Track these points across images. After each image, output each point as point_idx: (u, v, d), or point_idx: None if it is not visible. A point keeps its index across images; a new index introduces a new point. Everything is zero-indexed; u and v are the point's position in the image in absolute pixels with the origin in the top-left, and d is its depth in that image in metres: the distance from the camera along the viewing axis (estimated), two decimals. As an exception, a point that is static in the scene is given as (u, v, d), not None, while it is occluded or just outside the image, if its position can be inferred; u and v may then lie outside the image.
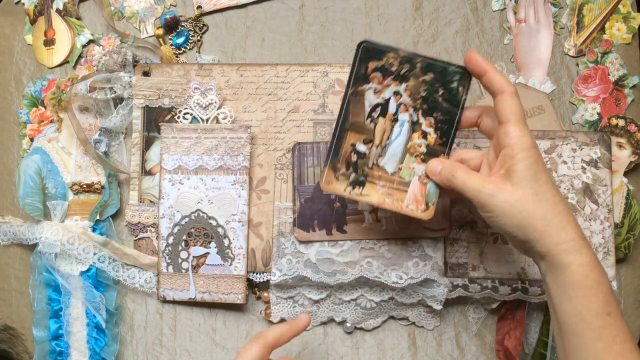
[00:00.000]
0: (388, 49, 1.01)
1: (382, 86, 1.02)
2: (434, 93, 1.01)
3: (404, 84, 1.01)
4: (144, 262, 1.15)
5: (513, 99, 0.92)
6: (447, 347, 1.16)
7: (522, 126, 0.91)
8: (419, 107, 1.02)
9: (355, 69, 1.02)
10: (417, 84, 1.01)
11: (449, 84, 1.00)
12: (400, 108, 1.02)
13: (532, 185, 0.89)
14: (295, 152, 1.12)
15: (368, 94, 1.02)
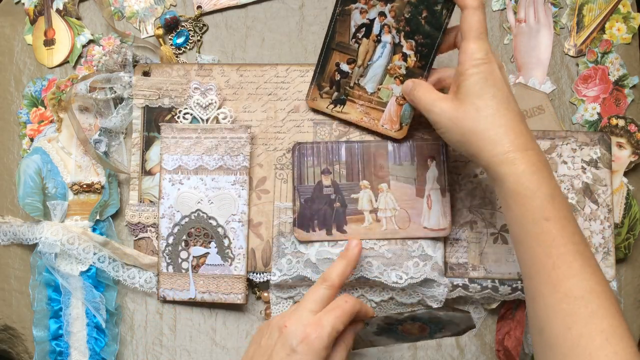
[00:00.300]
0: None
1: (368, 6, 1.06)
2: (418, 15, 1.04)
3: (389, 5, 1.05)
4: (144, 262, 1.15)
5: (474, 14, 0.94)
6: (447, 347, 1.17)
7: (478, 42, 0.94)
8: (401, 29, 1.06)
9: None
10: (402, 5, 1.04)
11: (433, 6, 1.03)
12: (383, 29, 1.06)
13: (474, 101, 0.92)
14: (295, 152, 1.12)
15: (354, 14, 1.07)
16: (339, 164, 1.11)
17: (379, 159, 1.10)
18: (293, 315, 0.95)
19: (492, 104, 0.91)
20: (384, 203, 1.10)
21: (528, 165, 0.88)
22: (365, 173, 1.10)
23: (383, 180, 1.10)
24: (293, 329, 0.93)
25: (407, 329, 1.00)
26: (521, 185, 0.88)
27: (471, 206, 1.13)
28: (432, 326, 0.98)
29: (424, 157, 1.10)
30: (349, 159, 1.11)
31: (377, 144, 1.10)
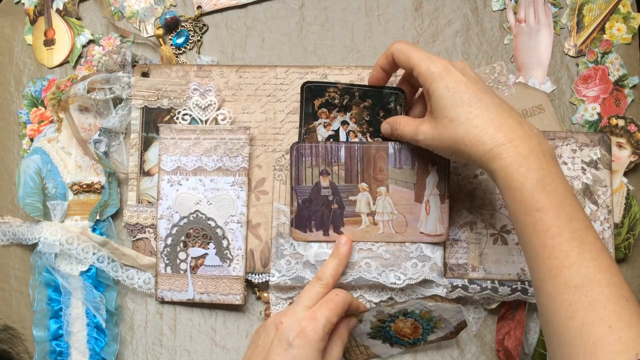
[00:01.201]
0: (327, 84, 1.10)
1: (329, 119, 1.11)
2: (376, 115, 1.10)
3: (348, 113, 1.11)
4: (142, 262, 1.15)
5: (400, 48, 1.00)
6: (447, 347, 1.16)
7: (425, 61, 0.96)
8: (365, 130, 1.11)
9: (303, 109, 1.11)
10: (359, 110, 1.11)
11: (387, 104, 1.10)
12: (349, 135, 1.12)
13: (446, 113, 0.93)
14: (294, 152, 1.11)
15: (319, 129, 1.12)
16: (338, 165, 1.11)
17: (378, 162, 1.10)
18: (288, 312, 0.98)
19: (462, 110, 0.92)
20: (381, 206, 1.10)
21: (514, 157, 0.88)
22: (364, 175, 1.10)
23: (382, 184, 1.10)
24: (289, 324, 0.95)
25: (400, 329, 1.00)
26: (509, 178, 0.88)
27: (471, 207, 1.13)
28: (424, 324, 0.98)
29: (425, 162, 1.10)
30: (348, 160, 1.11)
31: (377, 147, 1.10)
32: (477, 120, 0.91)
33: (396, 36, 1.23)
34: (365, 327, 1.01)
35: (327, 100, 1.11)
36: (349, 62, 1.22)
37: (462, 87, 0.93)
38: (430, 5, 1.24)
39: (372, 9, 1.24)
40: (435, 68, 0.94)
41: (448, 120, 0.93)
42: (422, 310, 0.97)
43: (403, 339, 1.02)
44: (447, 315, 0.97)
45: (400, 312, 0.98)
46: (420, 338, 1.01)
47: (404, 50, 0.98)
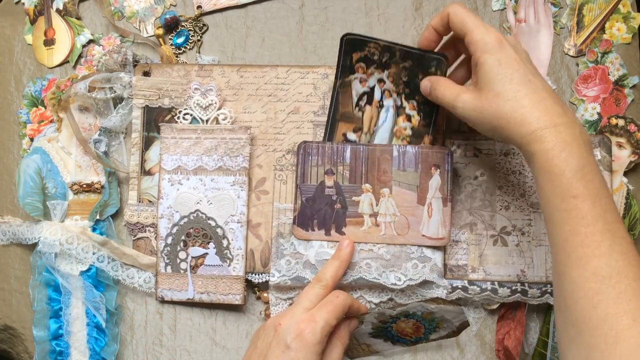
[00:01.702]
0: (369, 39, 1.09)
1: (366, 75, 1.10)
2: (415, 77, 1.09)
3: (386, 71, 1.10)
4: (142, 262, 1.15)
5: (457, 11, 0.98)
6: (447, 347, 1.16)
7: (481, 29, 0.95)
8: (401, 92, 1.10)
9: (341, 61, 1.10)
10: (398, 70, 1.09)
11: (428, 69, 1.08)
12: (384, 94, 1.11)
13: (493, 87, 0.93)
14: (301, 150, 1.11)
15: (355, 84, 1.11)
16: (343, 165, 1.11)
17: (383, 164, 1.10)
18: (287, 314, 0.97)
19: (511, 87, 0.91)
20: (384, 208, 1.10)
21: (557, 142, 0.87)
22: (368, 177, 1.10)
23: (385, 185, 1.10)
24: (287, 326, 0.95)
25: (402, 329, 1.00)
26: (549, 163, 0.88)
27: (471, 208, 1.13)
28: (425, 324, 0.98)
29: (428, 165, 1.10)
30: (353, 161, 1.11)
31: (382, 149, 1.10)
32: (525, 100, 0.91)
33: (396, 36, 1.23)
34: (367, 328, 1.01)
35: (366, 55, 1.11)
36: (349, 62, 1.22)
37: (514, 63, 0.93)
38: (430, 5, 1.24)
39: (372, 9, 1.24)
40: (489, 39, 0.94)
41: (494, 94, 0.92)
42: (423, 312, 0.97)
43: (405, 337, 1.02)
44: (449, 317, 0.97)
45: (401, 313, 0.98)
46: (422, 337, 1.01)
47: (460, 14, 0.97)
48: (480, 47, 0.94)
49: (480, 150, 1.14)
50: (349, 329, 1.02)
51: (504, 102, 0.91)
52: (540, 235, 1.12)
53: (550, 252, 1.11)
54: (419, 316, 0.98)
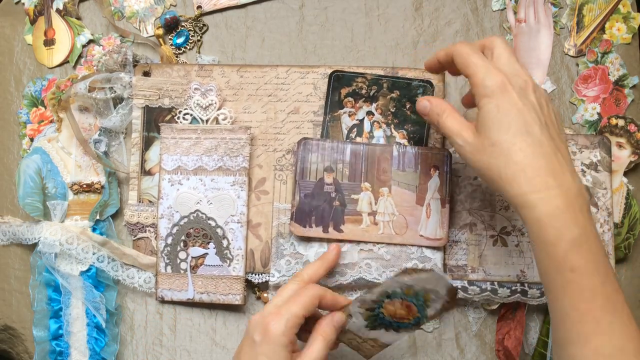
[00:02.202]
0: (356, 74, 1.12)
1: (355, 108, 1.12)
2: (402, 107, 1.12)
3: (374, 104, 1.12)
4: (142, 262, 1.15)
5: (461, 51, 0.93)
6: (447, 347, 1.17)
7: (480, 72, 0.90)
8: (390, 122, 1.12)
9: (329, 97, 1.12)
10: (386, 101, 1.12)
11: (414, 97, 1.11)
12: (374, 126, 1.12)
13: (489, 134, 0.88)
14: (301, 146, 1.11)
15: (344, 118, 1.13)
16: (343, 163, 1.11)
17: (382, 163, 1.10)
18: (260, 311, 0.96)
19: (507, 138, 0.86)
20: (383, 207, 1.10)
21: (550, 209, 0.83)
22: (367, 175, 1.10)
23: (385, 185, 1.10)
24: (255, 321, 0.94)
25: (393, 312, 0.98)
26: (543, 232, 0.83)
27: (471, 208, 1.13)
28: (413, 301, 0.97)
29: (427, 166, 1.10)
30: (353, 159, 1.11)
31: (382, 148, 1.11)
32: (519, 155, 0.85)
33: (396, 36, 1.23)
34: (360, 321, 1.00)
35: (354, 90, 1.13)
36: (349, 62, 1.22)
37: (514, 111, 0.87)
38: (430, 5, 1.24)
39: (372, 9, 1.24)
40: (491, 82, 0.88)
41: (490, 142, 0.87)
42: (403, 288, 0.96)
43: (403, 321, 1.01)
44: (431, 285, 0.95)
45: (382, 295, 0.96)
46: (419, 316, 0.99)
47: (464, 54, 0.92)
48: (481, 90, 0.89)
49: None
50: (332, 324, 0.98)
51: (498, 153, 0.87)
52: (540, 235, 1.12)
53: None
54: (400, 293, 0.96)
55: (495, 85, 0.88)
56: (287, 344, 0.92)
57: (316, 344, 0.94)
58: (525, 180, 0.85)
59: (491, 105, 0.88)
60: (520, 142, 0.86)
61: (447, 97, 1.19)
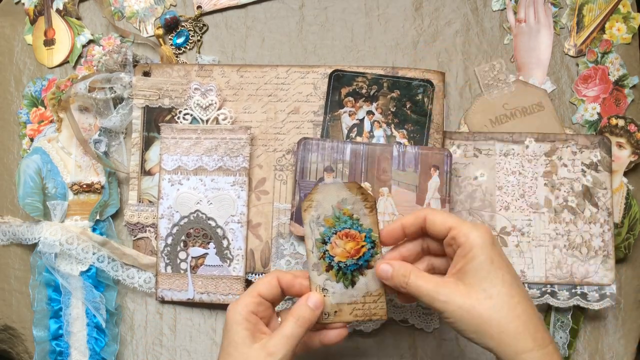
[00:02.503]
0: (356, 74, 1.12)
1: (355, 108, 1.12)
2: (403, 107, 1.12)
3: (374, 103, 1.12)
4: (142, 262, 1.15)
5: (437, 212, 0.92)
6: (447, 347, 1.16)
7: (467, 224, 0.89)
8: (391, 122, 1.12)
9: (329, 97, 1.12)
10: (386, 101, 1.12)
11: (415, 96, 1.11)
12: (374, 125, 1.12)
13: (485, 287, 0.85)
14: (301, 146, 1.11)
15: (344, 117, 1.13)
16: (343, 163, 1.11)
17: (382, 163, 1.10)
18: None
19: (504, 290, 0.85)
20: (383, 207, 1.10)
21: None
22: (367, 175, 1.10)
23: (385, 185, 1.10)
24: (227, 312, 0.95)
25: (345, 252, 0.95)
26: None
27: (471, 208, 1.13)
28: (343, 226, 0.95)
29: (427, 166, 1.10)
30: (353, 159, 1.11)
31: (382, 148, 1.11)
32: (518, 309, 0.85)
33: (396, 36, 1.23)
34: (335, 285, 0.95)
35: (354, 89, 1.13)
36: (349, 62, 1.22)
37: (504, 264, 0.88)
38: (430, 5, 1.24)
39: (372, 9, 1.24)
40: (481, 232, 0.87)
41: (486, 295, 0.85)
42: (321, 223, 0.94)
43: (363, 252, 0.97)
44: (334, 199, 0.91)
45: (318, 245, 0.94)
46: (365, 234, 0.96)
47: (440, 214, 0.92)
48: (471, 240, 0.87)
49: (480, 150, 1.14)
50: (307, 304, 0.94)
51: (498, 307, 0.84)
52: (540, 235, 1.12)
53: (549, 252, 1.11)
54: (327, 228, 0.94)
55: (488, 237, 0.87)
56: (241, 321, 0.92)
57: (286, 324, 0.92)
58: (529, 335, 0.84)
59: (485, 257, 0.86)
60: (516, 295, 0.86)
61: (447, 97, 1.19)
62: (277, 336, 0.91)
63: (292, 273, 0.98)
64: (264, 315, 0.95)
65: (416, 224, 0.94)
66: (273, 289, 0.96)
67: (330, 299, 0.97)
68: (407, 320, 1.15)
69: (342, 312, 0.98)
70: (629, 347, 1.16)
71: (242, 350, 0.90)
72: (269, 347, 0.90)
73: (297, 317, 0.93)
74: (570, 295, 1.12)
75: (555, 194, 1.13)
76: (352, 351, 1.16)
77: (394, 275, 0.92)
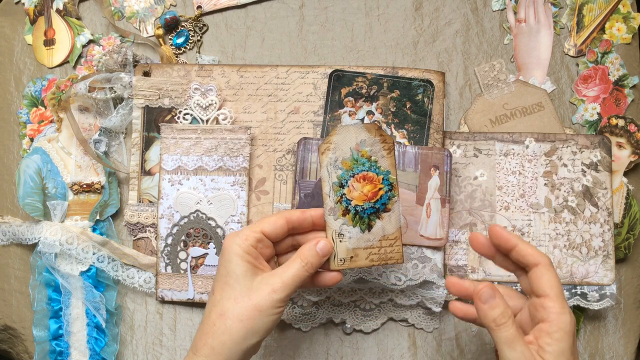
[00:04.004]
0: (356, 73, 1.12)
1: (355, 108, 1.12)
2: (403, 107, 1.12)
3: (374, 103, 1.12)
4: (143, 262, 1.15)
5: (550, 271, 0.89)
6: (447, 347, 1.16)
7: (561, 301, 0.87)
8: (391, 122, 1.12)
9: (329, 96, 1.12)
10: (386, 101, 1.12)
11: (415, 96, 1.11)
12: None
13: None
14: (301, 146, 1.11)
15: (344, 117, 1.13)
16: (343, 163, 1.11)
17: (382, 162, 1.11)
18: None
19: None
20: (383, 207, 1.10)
21: None
22: (367, 175, 1.11)
23: (385, 184, 1.10)
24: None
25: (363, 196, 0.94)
26: None
27: (471, 208, 1.13)
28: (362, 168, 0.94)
29: (427, 166, 1.10)
30: (353, 159, 1.11)
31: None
32: None
33: (396, 36, 1.23)
34: (352, 229, 0.94)
35: (354, 89, 1.13)
36: (349, 62, 1.22)
37: (575, 353, 0.88)
38: (430, 5, 1.24)
39: (372, 9, 1.24)
40: (567, 317, 0.87)
41: None
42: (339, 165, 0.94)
43: (380, 195, 0.97)
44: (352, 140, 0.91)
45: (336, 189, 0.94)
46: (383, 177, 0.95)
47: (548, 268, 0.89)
48: (562, 322, 0.86)
49: (480, 150, 1.14)
50: (315, 248, 0.94)
51: None
52: (540, 235, 1.12)
53: (550, 252, 1.11)
54: (345, 171, 0.94)
55: (573, 326, 0.87)
56: (241, 253, 0.92)
57: (293, 264, 0.93)
58: None
59: (567, 342, 0.86)
60: None
61: (447, 97, 1.19)
62: (283, 274, 0.92)
63: (300, 210, 0.98)
64: (263, 252, 0.96)
65: (527, 259, 0.91)
66: (277, 229, 0.95)
67: (347, 244, 0.97)
68: (407, 320, 1.15)
69: (358, 257, 0.97)
70: (629, 347, 1.16)
71: (243, 282, 0.91)
72: (273, 284, 0.91)
73: (305, 260, 0.93)
74: (570, 295, 1.12)
75: (555, 194, 1.13)
76: (352, 351, 1.16)
77: (494, 306, 0.89)
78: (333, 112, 1.13)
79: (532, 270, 0.90)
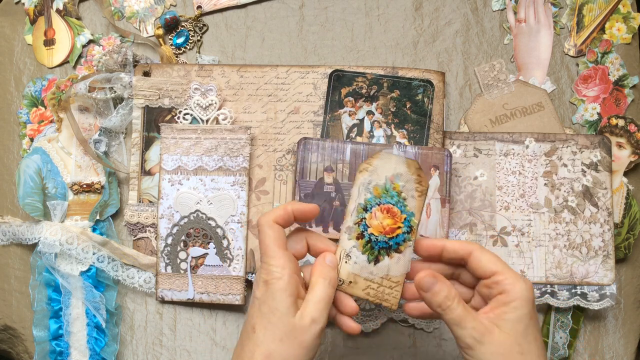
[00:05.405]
0: (356, 74, 1.13)
1: (355, 108, 1.12)
2: (403, 107, 1.12)
3: (374, 103, 1.13)
4: (143, 262, 1.15)
5: (485, 252, 0.89)
6: (447, 347, 1.16)
7: (511, 272, 0.87)
8: (391, 121, 1.12)
9: (329, 96, 1.13)
10: (386, 101, 1.12)
11: (415, 96, 1.11)
12: (374, 125, 1.12)
13: (520, 341, 0.85)
14: (301, 146, 1.11)
15: (344, 117, 1.13)
16: (343, 163, 1.11)
17: (383, 163, 1.11)
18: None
19: (535, 349, 0.85)
20: (382, 207, 1.10)
21: None
22: (367, 175, 1.11)
23: (385, 184, 1.10)
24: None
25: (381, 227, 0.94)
26: None
27: (471, 208, 1.13)
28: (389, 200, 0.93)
29: (427, 166, 1.10)
30: (353, 159, 1.11)
31: (383, 148, 1.11)
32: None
33: (396, 36, 1.23)
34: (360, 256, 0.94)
35: (354, 89, 1.13)
36: (349, 62, 1.22)
37: (537, 326, 0.87)
38: (430, 5, 1.24)
39: (372, 9, 1.24)
40: (524, 287, 0.86)
41: (519, 350, 0.84)
42: (370, 191, 0.93)
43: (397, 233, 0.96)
44: (391, 170, 0.91)
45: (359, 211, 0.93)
46: (406, 216, 0.95)
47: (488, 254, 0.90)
48: (517, 290, 0.86)
49: (480, 150, 1.14)
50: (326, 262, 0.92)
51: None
52: (540, 235, 1.12)
53: (550, 252, 1.11)
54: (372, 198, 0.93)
55: (530, 292, 0.87)
56: (285, 287, 0.88)
57: (318, 285, 0.89)
58: None
59: (525, 310, 0.86)
60: (542, 355, 0.86)
61: (447, 97, 1.19)
62: (314, 300, 0.89)
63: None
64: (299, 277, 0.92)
65: (458, 254, 0.91)
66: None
67: (350, 267, 0.95)
68: (407, 320, 1.15)
69: (357, 285, 0.95)
70: (629, 347, 1.16)
71: (286, 320, 0.86)
72: (311, 314, 0.87)
73: (325, 277, 0.90)
74: (570, 295, 1.12)
75: (555, 194, 1.13)
76: (352, 351, 1.16)
77: (436, 292, 0.88)
78: (333, 112, 1.13)
79: (469, 260, 0.90)
